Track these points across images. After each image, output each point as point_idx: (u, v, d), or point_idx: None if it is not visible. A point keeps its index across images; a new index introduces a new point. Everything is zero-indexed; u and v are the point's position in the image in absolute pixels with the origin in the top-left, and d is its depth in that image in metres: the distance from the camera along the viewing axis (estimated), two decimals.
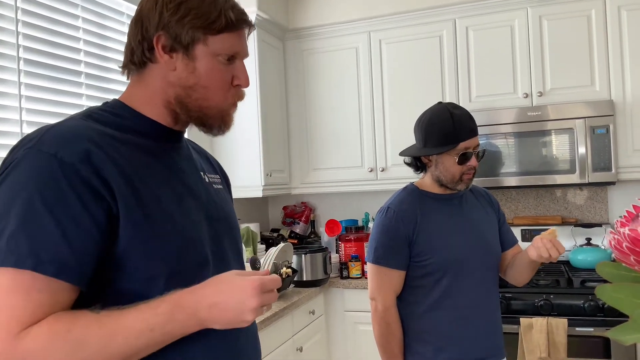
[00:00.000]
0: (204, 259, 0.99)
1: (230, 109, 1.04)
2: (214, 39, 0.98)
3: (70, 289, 0.85)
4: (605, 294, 0.59)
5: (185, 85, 0.99)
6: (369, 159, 3.33)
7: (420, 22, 3.22)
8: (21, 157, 0.86)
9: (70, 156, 0.85)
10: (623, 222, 0.62)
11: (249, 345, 1.07)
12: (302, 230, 3.69)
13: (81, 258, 0.84)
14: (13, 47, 1.99)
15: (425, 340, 1.74)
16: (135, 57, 1.00)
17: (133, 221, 0.89)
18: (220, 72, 1.00)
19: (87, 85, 2.34)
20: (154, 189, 0.94)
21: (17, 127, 2.00)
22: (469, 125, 1.73)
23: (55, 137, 0.88)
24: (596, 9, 2.91)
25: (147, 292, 0.90)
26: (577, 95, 2.93)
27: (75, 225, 0.84)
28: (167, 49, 0.97)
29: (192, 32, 0.97)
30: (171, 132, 1.04)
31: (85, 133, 0.90)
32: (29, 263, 0.80)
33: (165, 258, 0.92)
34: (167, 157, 1.02)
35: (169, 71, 0.99)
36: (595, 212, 3.21)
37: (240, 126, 3.17)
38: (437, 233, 1.75)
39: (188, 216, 0.98)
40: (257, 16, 3.12)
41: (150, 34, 0.97)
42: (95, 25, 2.41)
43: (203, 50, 0.98)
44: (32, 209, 0.82)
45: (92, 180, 0.86)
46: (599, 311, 2.50)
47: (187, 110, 1.01)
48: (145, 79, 1.01)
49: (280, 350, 2.52)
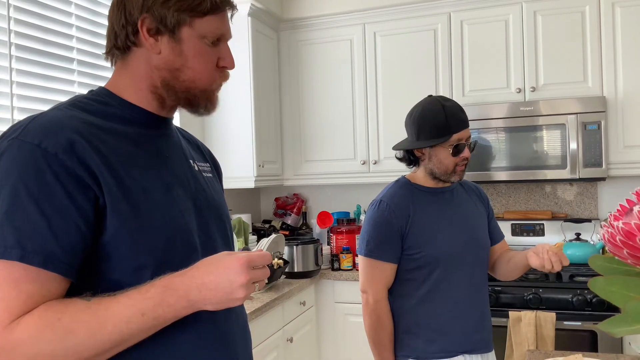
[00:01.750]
0: (192, 248, 0.98)
1: (217, 90, 1.04)
2: (200, 22, 0.97)
3: (59, 280, 0.84)
4: (597, 286, 0.60)
5: (171, 67, 0.98)
6: (362, 152, 3.34)
7: (415, 15, 3.22)
8: (5, 148, 0.86)
9: (53, 146, 0.85)
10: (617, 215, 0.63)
11: (239, 335, 1.07)
12: (294, 222, 3.69)
13: (67, 248, 0.84)
14: (5, 32, 1.96)
15: (415, 333, 1.75)
16: (119, 41, 0.99)
17: (119, 212, 0.88)
18: (206, 54, 0.99)
19: (79, 72, 2.32)
20: (140, 179, 0.93)
21: (9, 113, 1.98)
22: (461, 117, 1.74)
23: (39, 128, 0.87)
24: (590, 6, 2.92)
25: (136, 282, 0.89)
26: (570, 91, 2.95)
27: (60, 215, 0.83)
28: (152, 31, 0.96)
29: (177, 14, 0.96)
30: (158, 119, 1.04)
31: (69, 123, 0.89)
32: (15, 254, 0.80)
33: (153, 248, 0.92)
34: (153, 145, 1.01)
35: (154, 55, 0.98)
36: (585, 207, 3.24)
37: (233, 116, 3.16)
38: (429, 226, 1.75)
39: (176, 205, 0.98)
40: (252, 6, 3.10)
41: (135, 17, 0.96)
42: (88, 11, 2.39)
43: (189, 33, 0.97)
44: (17, 200, 0.82)
45: (76, 170, 0.85)
46: (587, 305, 2.53)
47: (175, 93, 1.00)
48: (130, 64, 1.00)
49: (271, 340, 2.53)
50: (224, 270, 0.86)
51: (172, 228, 0.95)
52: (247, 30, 3.12)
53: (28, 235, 0.81)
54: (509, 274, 1.85)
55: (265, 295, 2.58)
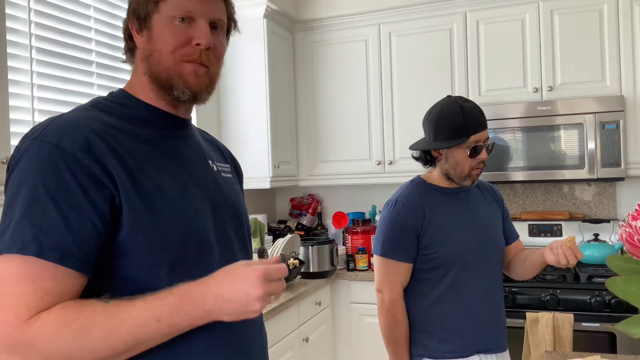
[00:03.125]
0: (208, 247, 0.99)
1: (188, 67, 0.99)
2: (164, 4, 0.99)
3: (76, 276, 0.86)
4: (615, 286, 0.60)
5: (145, 56, 1.02)
6: (377, 152, 3.33)
7: (431, 14, 3.21)
8: (26, 148, 0.88)
9: (71, 145, 0.87)
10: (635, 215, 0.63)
11: (255, 335, 1.08)
12: (309, 222, 3.70)
13: (82, 245, 0.85)
14: (25, 35, 2.00)
15: (430, 332, 1.75)
16: (125, 46, 1.06)
17: (134, 210, 0.90)
18: (172, 33, 0.98)
19: (98, 74, 2.35)
20: (156, 178, 0.95)
21: (29, 115, 2.01)
22: (479, 118, 1.73)
23: (58, 128, 0.89)
24: (608, 4, 2.89)
25: (151, 280, 0.91)
26: (588, 90, 2.92)
27: (77, 213, 0.85)
28: (138, 30, 1.02)
29: (145, 4, 1.00)
30: (175, 120, 1.05)
31: (87, 123, 0.91)
32: (32, 249, 0.82)
33: (167, 247, 0.93)
34: (170, 145, 1.03)
35: (140, 50, 1.02)
36: (603, 207, 3.20)
37: (249, 118, 3.18)
38: (445, 226, 1.75)
39: (191, 204, 0.99)
40: (267, 8, 3.12)
41: (127, 21, 1.04)
42: (107, 15, 2.42)
43: (157, 18, 1.00)
44: (35, 198, 0.84)
45: (93, 169, 0.87)
46: (605, 306, 2.50)
47: (157, 81, 1.00)
48: (136, 65, 1.05)
49: (286, 340, 2.54)
50: (241, 282, 0.87)
51: (186, 227, 0.96)
52: (262, 32, 3.14)
53: (45, 231, 0.83)
54: (525, 273, 1.85)
55: (281, 295, 2.59)
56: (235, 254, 1.07)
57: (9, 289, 0.82)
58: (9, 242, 0.83)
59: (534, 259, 1.77)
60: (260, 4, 3.09)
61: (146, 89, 1.03)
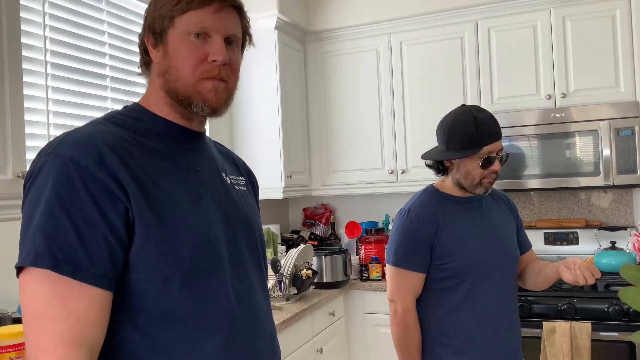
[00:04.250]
0: (219, 260, 0.99)
1: (207, 83, 1.00)
2: (179, 20, 1.00)
3: (99, 294, 0.86)
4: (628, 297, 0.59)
5: (161, 71, 1.02)
6: (390, 161, 3.33)
7: (442, 23, 3.21)
8: (42, 163, 0.90)
9: (85, 159, 0.88)
10: None
11: (267, 348, 1.07)
12: (322, 232, 3.70)
13: (95, 259, 0.86)
14: (41, 51, 2.03)
15: (444, 343, 1.73)
16: (141, 60, 1.07)
17: (145, 223, 0.90)
18: (188, 50, 0.99)
19: (112, 88, 2.38)
20: (168, 191, 0.95)
21: (45, 129, 2.04)
22: (493, 129, 1.71)
23: (71, 142, 0.91)
24: (621, 9, 2.87)
25: (162, 293, 0.91)
26: (602, 96, 2.89)
27: (89, 226, 0.86)
28: (153, 45, 1.02)
29: (161, 20, 1.00)
30: (188, 133, 1.06)
31: (100, 137, 0.92)
32: (47, 262, 0.83)
33: (179, 260, 0.93)
34: (183, 158, 1.03)
35: (156, 65, 1.03)
36: (620, 215, 3.16)
37: (261, 128, 3.19)
38: (458, 236, 1.74)
39: (204, 217, 0.99)
40: (278, 19, 3.14)
41: (142, 36, 1.05)
42: (120, 29, 2.45)
43: (172, 34, 1.00)
44: (50, 211, 0.85)
45: (106, 182, 0.88)
46: (624, 315, 2.46)
47: (174, 96, 1.01)
48: (151, 79, 1.06)
49: (301, 351, 2.53)
50: None
51: (198, 239, 0.96)
52: (274, 43, 3.16)
53: (58, 244, 0.84)
54: (537, 285, 1.83)
55: (294, 305, 2.59)
56: (247, 267, 1.07)
57: (43, 312, 0.83)
58: (25, 255, 0.84)
59: (548, 273, 1.74)
60: (272, 16, 3.12)
61: (161, 102, 1.04)
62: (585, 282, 1.58)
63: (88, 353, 0.85)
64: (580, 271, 1.58)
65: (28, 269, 0.84)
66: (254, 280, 1.07)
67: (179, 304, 0.92)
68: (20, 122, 1.58)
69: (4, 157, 1.53)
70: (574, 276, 1.59)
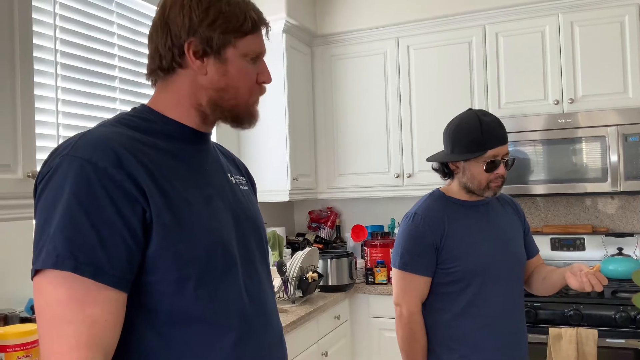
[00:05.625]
0: (232, 259, 1.00)
1: (256, 104, 1.09)
2: (242, 41, 1.02)
3: (115, 296, 0.86)
4: None
5: (217, 87, 1.02)
6: (396, 165, 3.33)
7: (449, 28, 3.21)
8: (58, 164, 0.89)
9: (103, 161, 0.88)
10: None
11: (276, 346, 1.08)
12: (328, 235, 3.70)
13: (115, 261, 0.86)
14: (51, 52, 2.05)
15: (450, 348, 1.72)
16: (164, 62, 1.01)
17: (163, 224, 0.91)
18: (247, 71, 1.04)
19: (121, 89, 2.39)
20: (183, 192, 0.96)
21: (54, 130, 2.06)
22: (498, 133, 1.71)
23: (88, 143, 0.90)
24: (629, 15, 2.86)
25: (178, 294, 0.92)
26: (610, 102, 2.88)
27: (109, 228, 0.86)
28: (198, 54, 0.99)
29: (222, 36, 0.99)
30: (199, 134, 1.07)
31: (116, 138, 0.92)
32: (68, 264, 0.83)
33: (195, 260, 0.93)
34: (194, 159, 1.04)
35: (200, 75, 1.01)
36: (627, 221, 3.14)
37: (268, 130, 3.20)
38: (464, 240, 1.73)
39: (216, 217, 1.00)
40: (286, 22, 3.15)
41: (182, 40, 0.99)
42: (130, 31, 2.47)
43: (233, 53, 1.01)
44: (69, 214, 0.85)
45: (125, 184, 0.88)
46: (631, 322, 2.44)
47: (221, 111, 1.04)
48: (174, 84, 1.03)
49: (306, 354, 2.53)
50: None
51: (213, 239, 0.97)
52: (281, 47, 3.17)
53: (79, 246, 0.84)
54: (543, 291, 1.83)
55: (300, 308, 2.59)
56: (256, 266, 1.08)
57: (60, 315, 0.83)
58: (44, 257, 0.84)
59: (554, 280, 1.74)
60: (280, 19, 3.13)
61: (183, 107, 1.03)
62: (591, 288, 1.57)
63: (103, 355, 0.85)
64: (586, 278, 1.57)
65: (45, 272, 0.84)
66: (262, 278, 1.09)
67: (195, 303, 0.93)
68: (30, 122, 1.59)
69: (15, 157, 1.54)
70: (580, 283, 1.58)
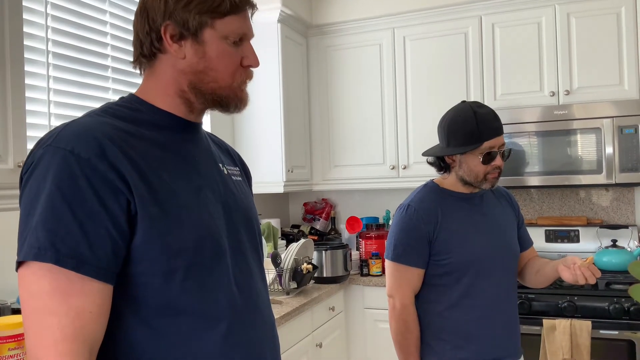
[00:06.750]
0: (221, 250, 0.99)
1: (242, 87, 1.04)
2: (221, 22, 0.99)
3: (100, 288, 0.85)
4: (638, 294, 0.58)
5: (196, 70, 0.99)
6: (391, 157, 3.32)
7: (446, 18, 3.19)
8: (40, 156, 0.88)
9: (86, 151, 0.87)
10: None
11: (267, 339, 1.07)
12: (323, 227, 3.69)
13: (99, 252, 0.85)
14: (42, 40, 2.02)
15: (443, 339, 1.73)
16: (144, 49, 1.00)
17: (149, 215, 0.89)
18: (229, 54, 1.00)
19: (113, 79, 2.37)
20: (169, 182, 0.95)
21: (46, 119, 2.03)
22: (494, 124, 1.70)
23: (71, 134, 0.89)
24: (626, 6, 2.85)
25: (165, 285, 0.91)
26: (605, 94, 2.88)
27: (92, 219, 0.85)
28: (175, 37, 0.98)
29: (199, 17, 0.97)
30: (187, 124, 1.05)
31: (100, 128, 0.91)
32: (49, 255, 0.82)
33: (183, 251, 0.92)
34: (183, 149, 1.02)
35: (179, 59, 0.99)
36: (621, 213, 3.15)
37: (263, 122, 3.18)
38: (458, 232, 1.73)
39: (205, 208, 0.99)
40: (281, 12, 3.12)
41: (158, 24, 0.98)
42: (123, 20, 2.44)
43: (211, 34, 0.99)
44: (51, 205, 0.84)
45: (108, 175, 0.87)
46: (624, 314, 2.45)
47: (202, 95, 1.02)
48: (157, 70, 1.02)
49: (300, 345, 2.53)
50: None
51: (201, 230, 0.96)
52: (276, 37, 3.14)
53: (61, 238, 0.83)
54: (536, 283, 1.84)
55: (294, 300, 2.59)
56: (247, 257, 1.07)
57: (43, 307, 0.82)
58: (27, 249, 0.83)
59: (548, 272, 1.74)
60: (275, 9, 3.10)
61: (169, 95, 1.02)
62: (585, 281, 1.57)
63: (88, 348, 0.84)
64: (580, 271, 1.57)
65: (29, 263, 0.83)
66: (253, 270, 1.07)
67: (182, 295, 0.92)
68: (21, 111, 1.57)
69: (5, 147, 1.52)
70: (573, 275, 1.59)
